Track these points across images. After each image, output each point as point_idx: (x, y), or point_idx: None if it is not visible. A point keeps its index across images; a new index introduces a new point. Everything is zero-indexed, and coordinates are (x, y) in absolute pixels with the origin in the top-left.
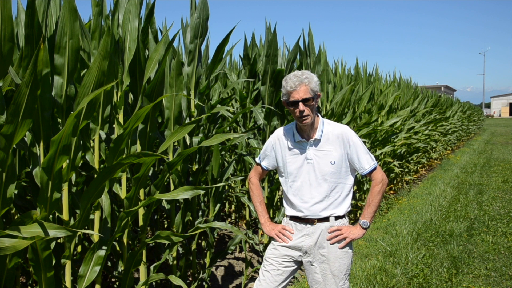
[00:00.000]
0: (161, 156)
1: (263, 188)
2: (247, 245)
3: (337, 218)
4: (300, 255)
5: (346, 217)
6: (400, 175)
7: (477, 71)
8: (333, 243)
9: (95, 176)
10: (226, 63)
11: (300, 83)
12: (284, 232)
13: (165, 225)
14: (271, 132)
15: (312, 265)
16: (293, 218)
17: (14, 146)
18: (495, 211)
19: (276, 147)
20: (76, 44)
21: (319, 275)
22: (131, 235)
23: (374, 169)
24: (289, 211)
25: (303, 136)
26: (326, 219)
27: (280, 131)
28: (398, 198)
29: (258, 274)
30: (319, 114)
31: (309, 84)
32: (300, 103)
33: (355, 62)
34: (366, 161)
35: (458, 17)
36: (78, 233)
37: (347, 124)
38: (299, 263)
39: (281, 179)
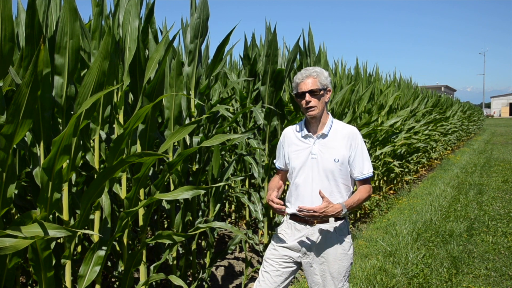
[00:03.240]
0: (162, 156)
1: (263, 188)
2: (247, 245)
3: (337, 219)
4: (299, 256)
5: (347, 219)
6: (400, 175)
7: (477, 71)
8: (319, 222)
9: (95, 176)
10: (226, 63)
11: (308, 76)
12: (273, 204)
13: (165, 225)
14: (271, 132)
15: (312, 266)
16: (293, 217)
17: (15, 146)
18: (495, 211)
19: (285, 144)
20: (76, 44)
21: (319, 277)
22: (131, 235)
23: (369, 177)
24: (290, 208)
25: (310, 130)
26: (325, 220)
27: (289, 128)
28: (398, 198)
29: (258, 275)
30: (329, 113)
31: (317, 77)
32: (307, 94)
33: (355, 62)
34: (366, 167)
35: (458, 17)
36: (78, 233)
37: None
38: (299, 264)
39: (288, 175)
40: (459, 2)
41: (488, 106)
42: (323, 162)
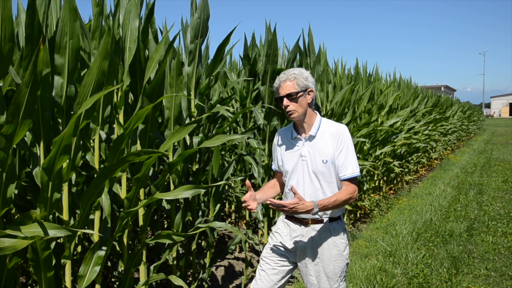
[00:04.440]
0: (161, 154)
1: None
2: (247, 245)
3: (331, 220)
4: (295, 256)
5: (342, 219)
6: (400, 175)
7: (477, 71)
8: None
9: (95, 176)
10: (226, 63)
11: (285, 79)
12: (246, 204)
13: (165, 225)
14: (271, 132)
15: (307, 267)
16: (288, 217)
17: (14, 146)
18: (495, 211)
19: (277, 147)
20: (76, 44)
21: (314, 277)
22: (131, 235)
23: (355, 177)
24: None
25: (299, 132)
26: (320, 220)
27: (280, 131)
28: (398, 198)
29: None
30: (317, 112)
31: (295, 80)
32: (285, 99)
33: (355, 62)
34: (351, 166)
35: (458, 17)
36: (78, 233)
37: (347, 124)
38: (295, 263)
39: (282, 177)
40: (459, 2)
41: (488, 106)
42: (312, 164)
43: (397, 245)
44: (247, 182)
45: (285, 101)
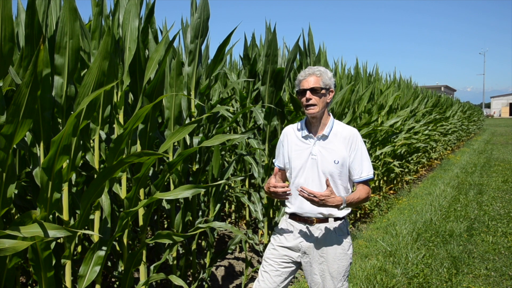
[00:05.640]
0: (162, 156)
1: (263, 188)
2: (247, 245)
3: (336, 219)
4: (299, 256)
5: (346, 219)
6: (400, 175)
7: (477, 71)
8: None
9: (95, 176)
10: (226, 63)
11: (311, 74)
12: (277, 189)
13: (165, 225)
14: (271, 132)
15: (311, 266)
16: (292, 217)
17: (14, 146)
18: (495, 211)
19: (285, 143)
20: (76, 44)
21: (318, 276)
22: (131, 235)
23: (369, 179)
24: (289, 208)
25: (310, 131)
26: (325, 219)
27: (289, 127)
28: (398, 198)
29: (258, 274)
30: (330, 114)
31: (321, 76)
32: (308, 91)
33: (355, 62)
34: (366, 169)
35: (458, 17)
36: (78, 233)
37: (347, 124)
38: (298, 264)
39: (287, 175)
40: (459, 2)
41: (488, 106)
42: (322, 163)
43: (397, 245)
44: (276, 168)
45: (308, 94)
